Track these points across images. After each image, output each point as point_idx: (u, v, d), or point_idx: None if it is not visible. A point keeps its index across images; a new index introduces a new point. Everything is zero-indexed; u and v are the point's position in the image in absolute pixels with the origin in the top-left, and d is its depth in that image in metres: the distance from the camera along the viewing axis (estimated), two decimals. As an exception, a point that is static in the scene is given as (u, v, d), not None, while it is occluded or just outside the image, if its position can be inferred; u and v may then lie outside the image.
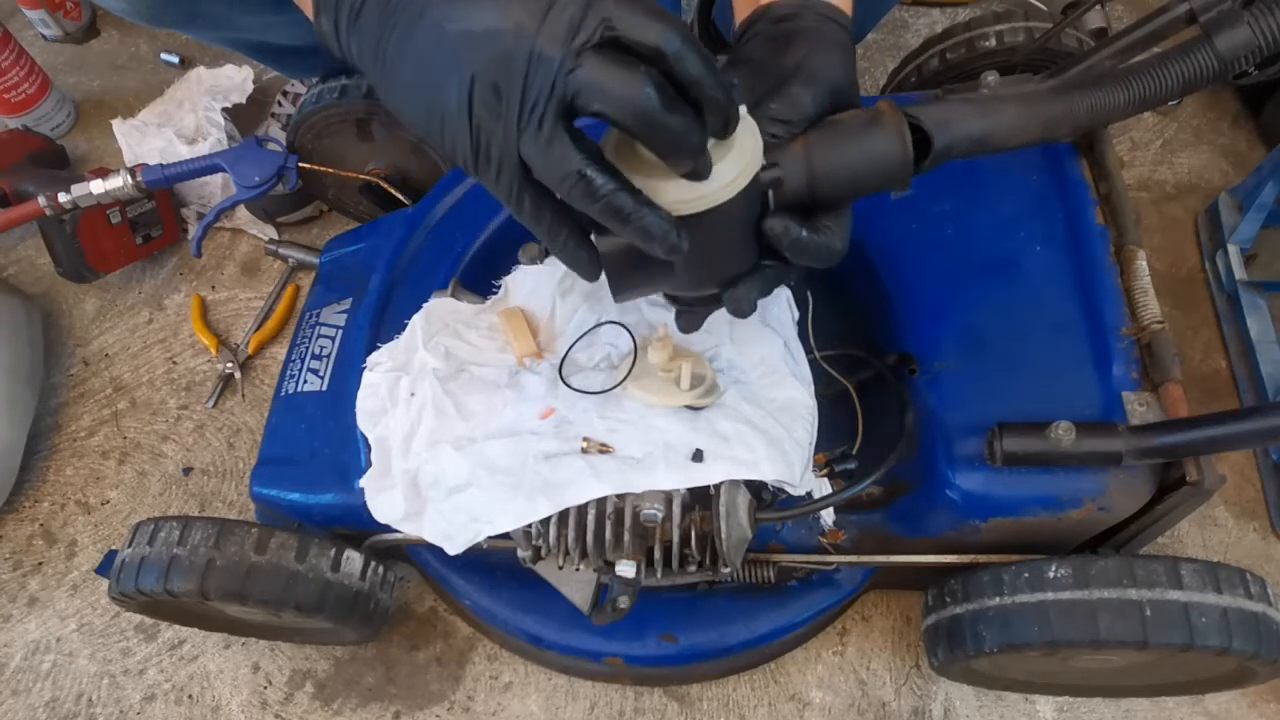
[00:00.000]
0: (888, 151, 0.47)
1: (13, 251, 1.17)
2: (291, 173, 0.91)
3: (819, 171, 0.47)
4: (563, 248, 0.48)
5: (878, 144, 0.47)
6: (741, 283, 0.51)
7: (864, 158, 0.48)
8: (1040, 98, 0.53)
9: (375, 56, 0.44)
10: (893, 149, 0.47)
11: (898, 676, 0.83)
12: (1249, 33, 0.51)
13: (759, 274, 0.51)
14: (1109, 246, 0.73)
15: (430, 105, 0.43)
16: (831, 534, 0.73)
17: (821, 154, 0.47)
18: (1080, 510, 0.66)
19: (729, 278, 0.50)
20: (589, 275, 0.50)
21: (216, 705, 0.86)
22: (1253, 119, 1.13)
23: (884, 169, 0.48)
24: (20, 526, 0.97)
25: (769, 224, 0.48)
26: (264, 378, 1.05)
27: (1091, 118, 0.53)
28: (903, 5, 1.28)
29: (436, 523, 0.60)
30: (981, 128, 0.51)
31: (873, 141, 0.47)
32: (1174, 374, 0.65)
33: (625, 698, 0.84)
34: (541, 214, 0.46)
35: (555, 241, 0.48)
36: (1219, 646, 0.59)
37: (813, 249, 0.49)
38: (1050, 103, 0.53)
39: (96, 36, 1.38)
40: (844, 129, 0.48)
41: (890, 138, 0.47)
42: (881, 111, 0.48)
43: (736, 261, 0.50)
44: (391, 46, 0.43)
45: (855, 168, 0.48)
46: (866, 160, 0.48)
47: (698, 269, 0.49)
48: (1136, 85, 0.52)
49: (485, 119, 0.41)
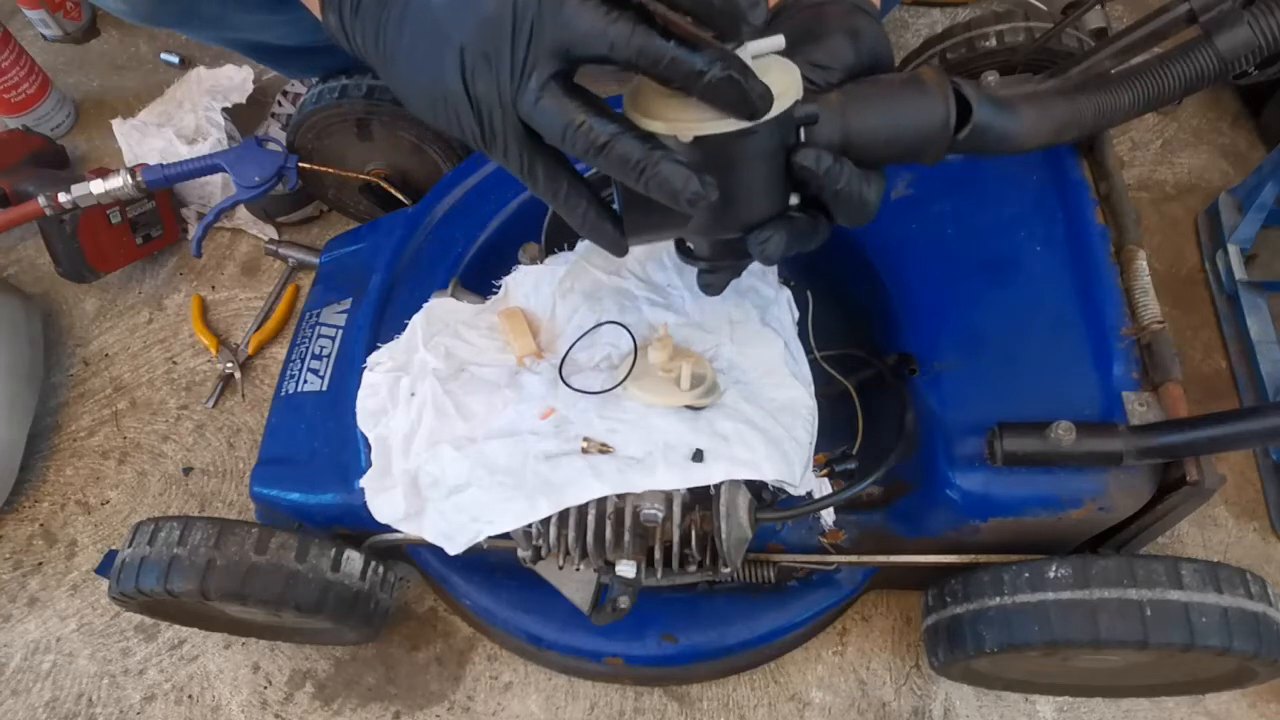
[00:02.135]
0: (930, 113, 0.45)
1: (13, 251, 1.17)
2: (291, 173, 0.91)
3: (855, 126, 0.45)
4: (583, 220, 0.46)
5: (920, 104, 0.45)
6: (769, 225, 0.47)
7: (904, 117, 0.45)
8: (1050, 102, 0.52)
9: (377, 47, 0.44)
10: (936, 111, 0.45)
11: (898, 676, 0.83)
12: (1249, 33, 0.51)
13: (787, 220, 0.47)
14: (1109, 246, 0.73)
15: (432, 89, 0.42)
16: (831, 534, 0.73)
17: (859, 108, 0.45)
18: (1080, 510, 0.66)
19: (754, 221, 0.47)
20: (616, 248, 0.48)
21: (216, 705, 0.86)
22: (1253, 119, 1.13)
23: (923, 131, 0.46)
24: (20, 526, 0.97)
25: (801, 154, 0.44)
26: (264, 378, 1.05)
27: (1097, 121, 0.53)
28: (903, 5, 1.28)
29: (436, 523, 0.60)
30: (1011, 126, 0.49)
31: (915, 100, 0.45)
32: (1174, 374, 0.66)
33: (625, 698, 0.84)
34: (557, 184, 0.44)
35: (574, 214, 0.46)
36: (1219, 646, 0.59)
37: (846, 190, 0.45)
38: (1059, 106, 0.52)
39: (96, 36, 1.38)
40: (884, 85, 0.46)
41: (934, 100, 0.45)
42: (925, 73, 0.46)
43: (763, 203, 0.46)
44: (389, 35, 0.43)
45: (894, 126, 0.45)
46: (906, 119, 0.45)
47: (720, 209, 0.46)
48: (1140, 87, 0.52)
49: (482, 89, 0.41)
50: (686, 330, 0.65)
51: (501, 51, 0.39)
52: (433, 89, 0.42)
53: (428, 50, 0.41)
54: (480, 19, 0.39)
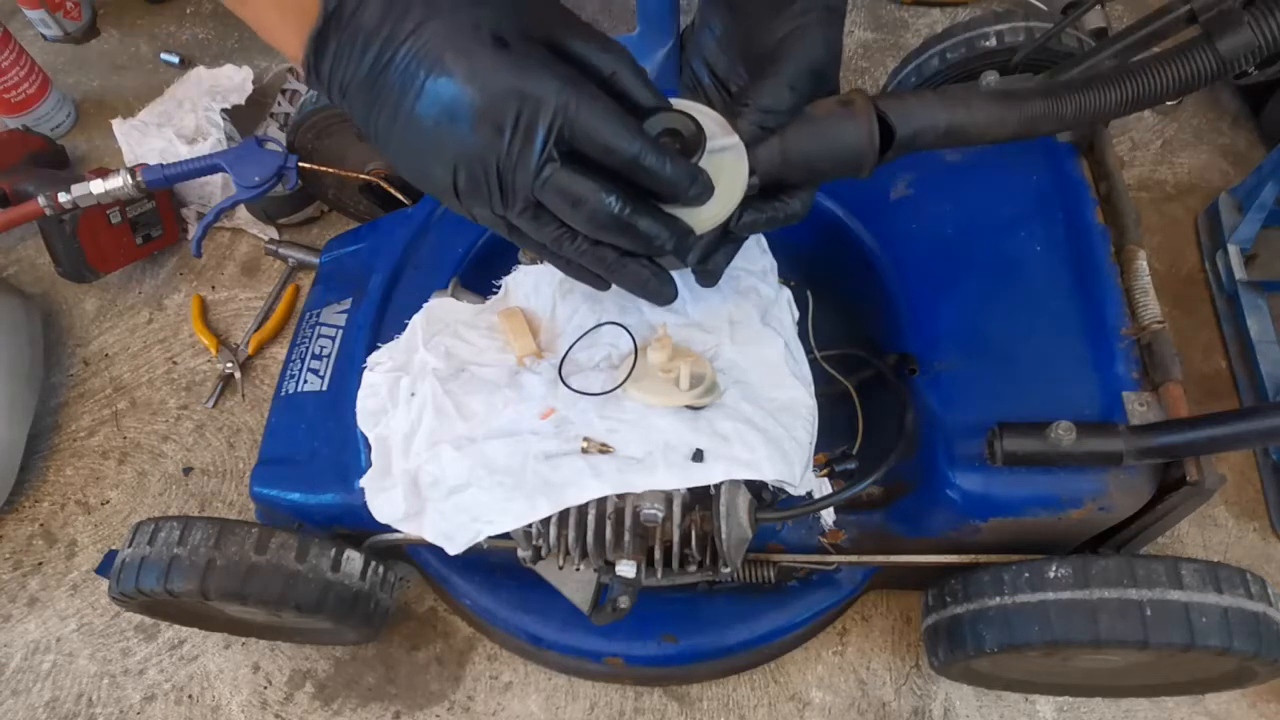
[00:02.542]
0: (855, 142, 0.52)
1: (13, 251, 1.17)
2: (291, 173, 0.91)
3: (791, 159, 0.52)
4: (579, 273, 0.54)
5: (847, 135, 0.52)
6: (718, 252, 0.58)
7: (833, 148, 0.53)
8: (1023, 95, 0.53)
9: (366, 124, 0.46)
10: (860, 140, 0.52)
11: (898, 676, 0.83)
12: (1249, 33, 0.51)
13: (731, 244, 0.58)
14: (1109, 246, 0.73)
15: (423, 177, 0.46)
16: (831, 534, 0.73)
17: (796, 143, 0.52)
18: (1080, 510, 0.66)
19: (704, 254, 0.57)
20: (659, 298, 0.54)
21: (216, 705, 0.86)
22: (1253, 119, 1.13)
23: (850, 159, 0.53)
24: (20, 526, 0.97)
25: (739, 227, 0.54)
26: (264, 378, 1.05)
27: (1078, 116, 0.53)
28: (903, 5, 1.28)
29: (436, 523, 0.60)
30: (948, 120, 0.54)
31: (842, 133, 0.52)
32: (1174, 374, 0.65)
33: (625, 698, 0.84)
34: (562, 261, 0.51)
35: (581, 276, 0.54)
36: (1219, 646, 0.59)
37: (776, 223, 0.55)
38: (1033, 100, 0.53)
39: (96, 36, 1.38)
40: (818, 122, 0.53)
41: (859, 130, 0.52)
42: (853, 102, 0.53)
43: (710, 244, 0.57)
44: (380, 125, 0.45)
45: (824, 157, 0.53)
46: (835, 150, 0.53)
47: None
48: (1130, 84, 0.52)
49: (471, 200, 0.46)
50: (686, 330, 0.65)
51: (490, 183, 0.44)
52: (424, 178, 0.47)
53: (420, 153, 0.45)
54: (470, 152, 0.43)
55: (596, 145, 0.43)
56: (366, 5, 0.42)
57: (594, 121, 0.43)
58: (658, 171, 0.45)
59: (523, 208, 0.45)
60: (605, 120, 0.43)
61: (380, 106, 0.44)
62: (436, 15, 0.42)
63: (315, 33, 0.43)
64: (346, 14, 0.42)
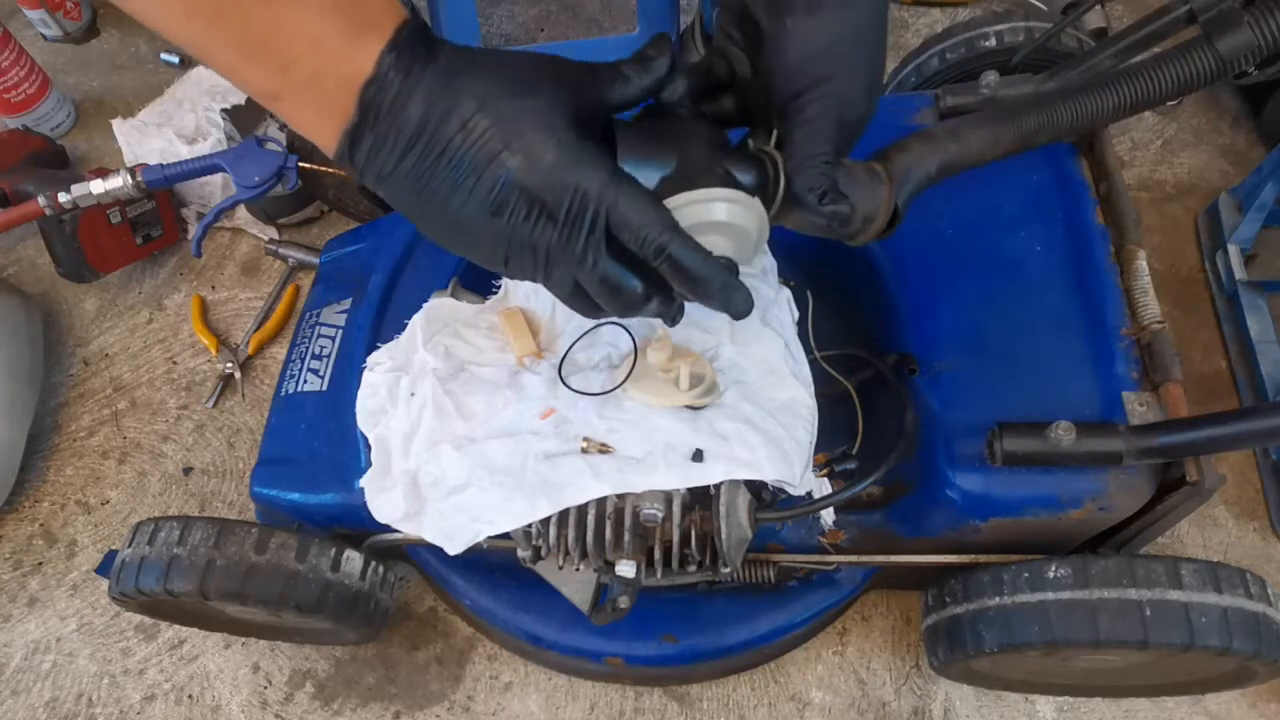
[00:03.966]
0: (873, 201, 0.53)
1: (13, 251, 1.17)
2: (291, 173, 0.91)
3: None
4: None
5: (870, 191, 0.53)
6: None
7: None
8: (1016, 109, 0.53)
9: (408, 210, 0.47)
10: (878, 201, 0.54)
11: (898, 676, 0.83)
12: (1249, 33, 0.51)
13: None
14: (1109, 246, 0.73)
15: (469, 254, 0.48)
16: (831, 534, 0.73)
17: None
18: (1080, 510, 0.66)
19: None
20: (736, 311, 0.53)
21: (216, 705, 0.86)
22: (1253, 119, 1.13)
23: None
24: (20, 526, 0.97)
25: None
26: (264, 378, 1.05)
27: (1075, 124, 0.53)
28: (903, 5, 1.28)
29: (436, 523, 0.60)
30: (939, 162, 0.54)
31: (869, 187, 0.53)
32: (1174, 374, 0.65)
33: (625, 698, 0.84)
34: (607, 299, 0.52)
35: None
36: (1219, 646, 0.59)
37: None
38: (1028, 113, 0.53)
39: (96, 36, 1.38)
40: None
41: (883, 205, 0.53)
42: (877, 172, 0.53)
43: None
44: (427, 213, 0.46)
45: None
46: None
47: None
48: (1129, 86, 0.52)
49: (516, 274, 0.48)
50: (686, 330, 0.64)
51: (538, 264, 0.46)
52: (474, 255, 0.48)
53: (471, 239, 0.46)
54: (520, 244, 0.45)
55: (634, 235, 0.45)
56: (411, 97, 0.42)
57: (631, 214, 0.44)
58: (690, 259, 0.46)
59: (567, 287, 0.47)
60: (645, 208, 0.45)
61: (426, 197, 0.44)
62: (486, 110, 0.42)
63: (351, 127, 0.43)
64: (383, 108, 0.42)
